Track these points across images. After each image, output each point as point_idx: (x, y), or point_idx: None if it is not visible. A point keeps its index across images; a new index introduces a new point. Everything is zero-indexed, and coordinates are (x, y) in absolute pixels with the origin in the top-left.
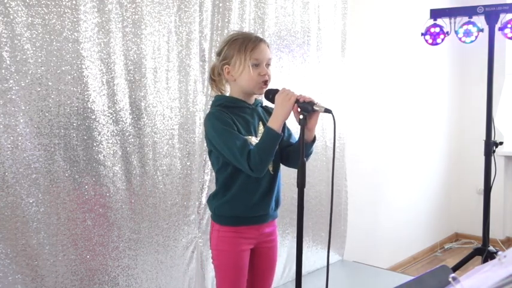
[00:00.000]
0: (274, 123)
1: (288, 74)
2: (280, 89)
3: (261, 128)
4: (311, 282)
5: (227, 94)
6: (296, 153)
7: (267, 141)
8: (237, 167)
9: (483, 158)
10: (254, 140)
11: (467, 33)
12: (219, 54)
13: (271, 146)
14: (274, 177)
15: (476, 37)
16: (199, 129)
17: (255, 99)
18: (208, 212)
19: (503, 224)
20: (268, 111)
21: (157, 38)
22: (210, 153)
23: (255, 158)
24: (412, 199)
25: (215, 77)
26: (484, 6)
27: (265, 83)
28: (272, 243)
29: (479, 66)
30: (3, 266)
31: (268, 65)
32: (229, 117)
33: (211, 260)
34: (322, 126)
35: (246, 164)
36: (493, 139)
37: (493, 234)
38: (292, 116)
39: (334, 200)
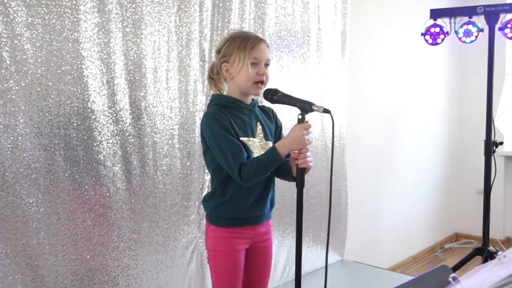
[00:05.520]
0: (282, 148)
1: (288, 74)
2: (279, 89)
3: (259, 129)
4: (311, 282)
5: (225, 93)
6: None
7: (268, 160)
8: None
9: (483, 158)
10: (252, 141)
11: (467, 33)
12: (218, 51)
13: (270, 166)
14: (270, 177)
15: (476, 37)
16: (199, 129)
17: (252, 99)
18: None
19: (503, 224)
20: (266, 112)
21: (157, 38)
22: (204, 152)
23: (249, 170)
24: (412, 199)
25: (214, 76)
26: (484, 6)
27: (262, 83)
28: (267, 242)
29: (479, 66)
30: (3, 266)
31: (266, 65)
32: (226, 118)
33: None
34: (322, 126)
35: (237, 173)
36: (493, 139)
37: (493, 234)
38: (291, 116)
39: (334, 200)
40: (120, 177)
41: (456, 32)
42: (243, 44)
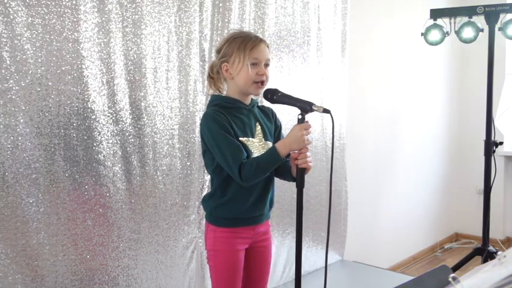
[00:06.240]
0: (282, 148)
1: (288, 74)
2: (279, 89)
3: (258, 129)
4: (311, 283)
5: (224, 93)
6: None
7: (268, 160)
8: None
9: (483, 158)
10: (251, 141)
11: (467, 33)
12: (218, 51)
13: (270, 166)
14: (270, 177)
15: (476, 37)
16: (199, 129)
17: (252, 99)
18: None
19: (503, 224)
20: (265, 112)
21: (157, 38)
22: (204, 153)
23: (249, 171)
24: (412, 199)
25: (213, 75)
26: (484, 6)
27: (262, 83)
28: (266, 242)
29: (479, 66)
30: (3, 266)
31: (266, 65)
32: (225, 119)
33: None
34: (322, 126)
35: (237, 173)
36: (493, 139)
37: (493, 234)
38: (291, 116)
39: (334, 200)
40: (120, 177)
41: (456, 32)
42: (242, 45)
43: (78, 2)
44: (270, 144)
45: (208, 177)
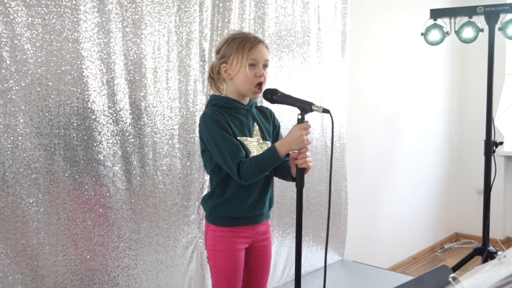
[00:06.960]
0: (282, 148)
1: (288, 74)
2: (279, 89)
3: (256, 129)
4: (311, 282)
5: (224, 93)
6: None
7: (268, 160)
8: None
9: (483, 158)
10: (249, 141)
11: (467, 33)
12: (218, 52)
13: (269, 165)
14: (269, 176)
15: (476, 37)
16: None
17: (250, 99)
18: None
19: (503, 224)
20: (263, 112)
21: (157, 38)
22: (202, 152)
23: (248, 169)
24: (412, 199)
25: (214, 75)
26: (484, 6)
27: (260, 86)
28: (266, 241)
29: (479, 66)
30: (3, 266)
31: (265, 66)
32: (224, 118)
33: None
34: (322, 126)
35: (235, 171)
36: (493, 139)
37: (493, 234)
38: (291, 116)
39: (334, 200)
40: (120, 177)
41: (456, 32)
42: (241, 45)
43: (78, 2)
44: (268, 144)
45: (208, 177)
